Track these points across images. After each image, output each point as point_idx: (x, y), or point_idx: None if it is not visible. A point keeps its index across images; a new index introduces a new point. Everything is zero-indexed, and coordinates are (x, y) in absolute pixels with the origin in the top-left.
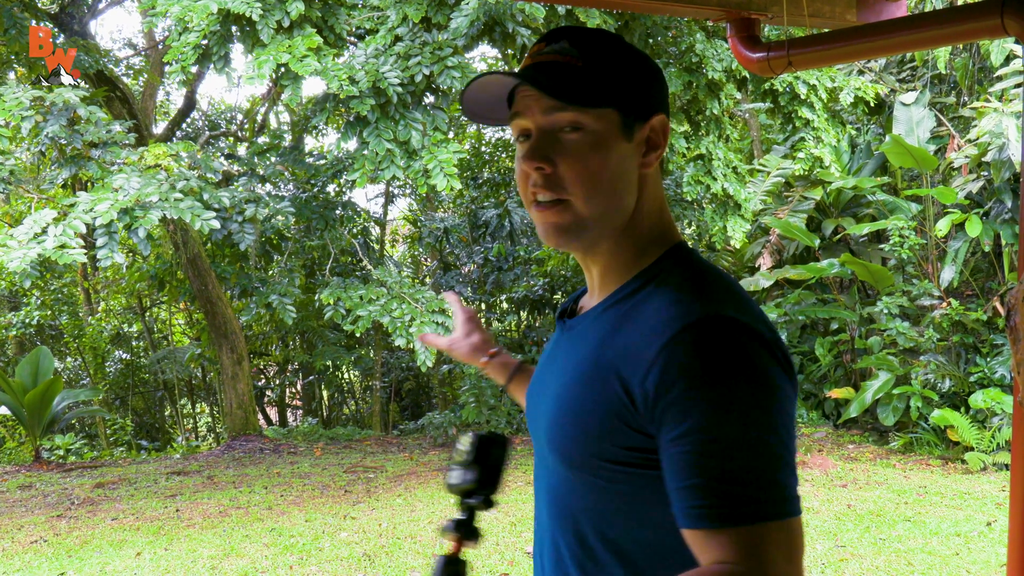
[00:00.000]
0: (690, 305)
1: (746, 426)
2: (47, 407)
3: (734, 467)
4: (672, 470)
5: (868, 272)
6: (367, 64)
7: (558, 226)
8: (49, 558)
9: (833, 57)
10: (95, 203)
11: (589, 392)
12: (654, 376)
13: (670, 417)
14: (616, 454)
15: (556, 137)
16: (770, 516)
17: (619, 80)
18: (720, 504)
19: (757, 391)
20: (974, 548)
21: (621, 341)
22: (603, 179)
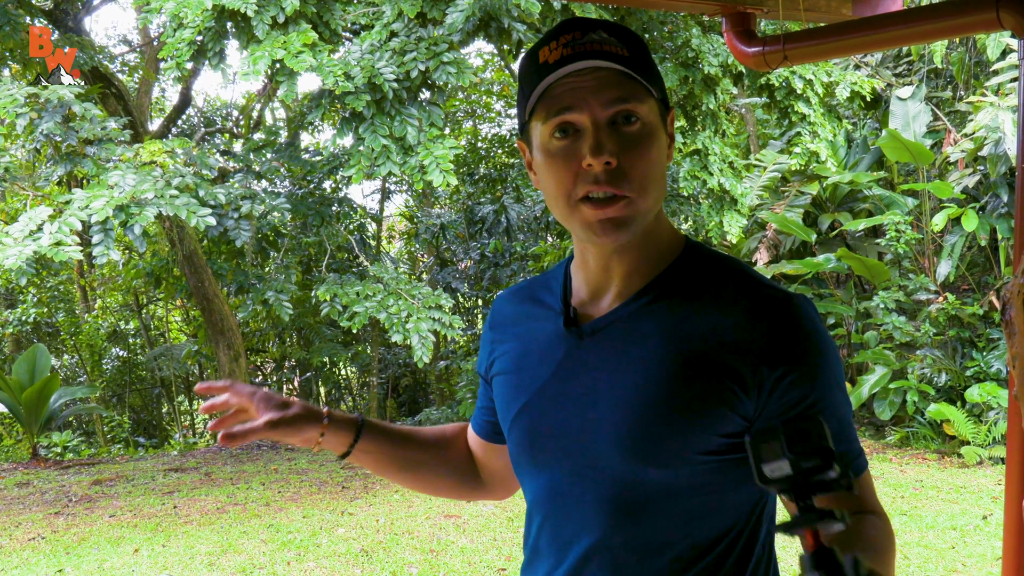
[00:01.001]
0: (768, 290)
1: (841, 393)
2: (44, 404)
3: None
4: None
5: (864, 267)
6: (362, 60)
7: (617, 221)
8: (47, 555)
9: (829, 51)
10: (90, 200)
11: (683, 386)
12: (768, 360)
13: (786, 395)
14: (713, 444)
15: (615, 130)
16: (865, 465)
17: (656, 71)
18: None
19: (838, 359)
20: (970, 542)
21: (708, 332)
22: (658, 172)
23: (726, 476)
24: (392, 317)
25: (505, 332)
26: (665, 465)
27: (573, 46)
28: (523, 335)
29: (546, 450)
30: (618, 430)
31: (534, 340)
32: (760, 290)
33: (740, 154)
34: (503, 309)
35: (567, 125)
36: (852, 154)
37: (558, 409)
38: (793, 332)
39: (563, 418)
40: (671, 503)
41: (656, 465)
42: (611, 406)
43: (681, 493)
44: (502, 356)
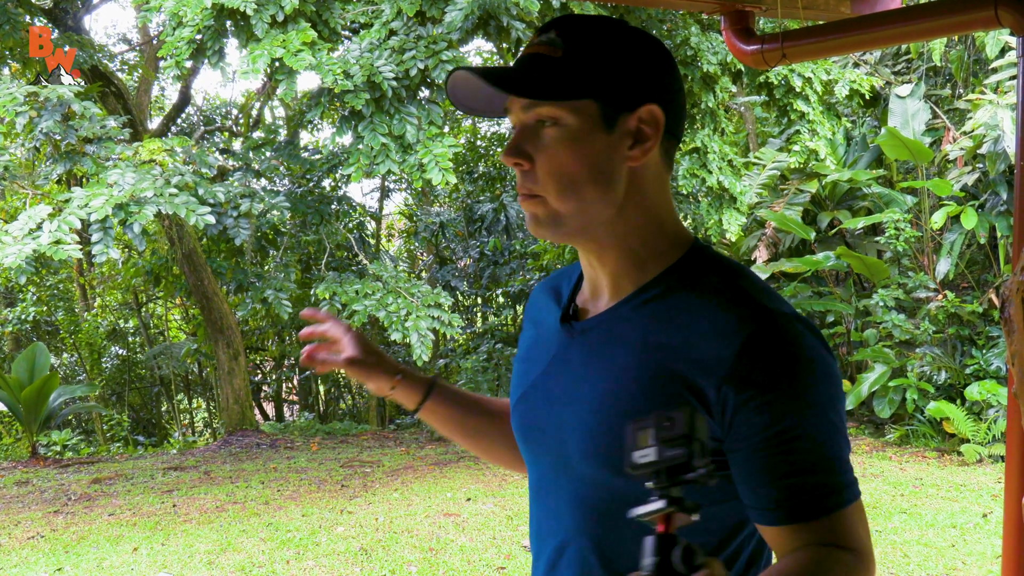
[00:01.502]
0: (750, 306)
1: (824, 422)
2: (43, 403)
3: (818, 464)
4: (754, 470)
5: (864, 265)
6: (362, 58)
7: (535, 217)
8: (46, 554)
9: (827, 49)
10: (90, 199)
11: (647, 398)
12: (733, 380)
13: (753, 419)
14: None
15: (535, 132)
16: (849, 500)
17: (601, 69)
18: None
19: (827, 384)
20: (970, 539)
21: (676, 344)
22: (576, 175)
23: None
24: (391, 315)
25: (528, 319)
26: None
27: (526, 48)
28: (539, 325)
29: (534, 443)
30: (584, 433)
31: (544, 331)
32: (744, 305)
33: (739, 152)
34: (534, 296)
35: (512, 123)
36: (851, 152)
37: (544, 404)
38: (767, 353)
39: (546, 414)
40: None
41: (617, 473)
42: (582, 409)
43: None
44: (525, 339)
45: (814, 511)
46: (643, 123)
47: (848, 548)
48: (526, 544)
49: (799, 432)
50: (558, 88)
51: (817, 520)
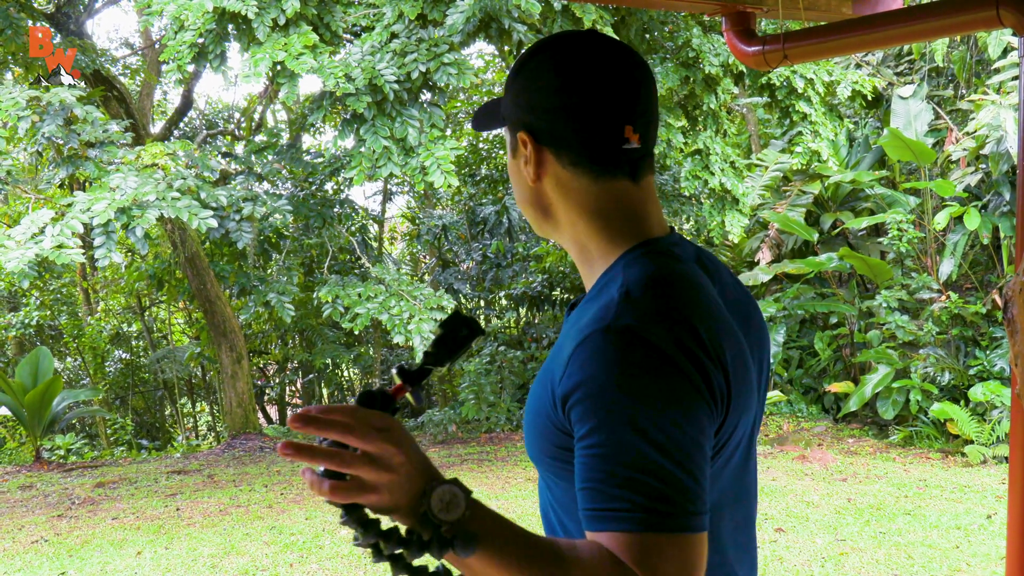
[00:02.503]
0: (607, 311)
1: (646, 439)
2: (47, 407)
3: (633, 477)
4: (575, 472)
5: (867, 266)
6: (363, 61)
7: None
8: (50, 558)
9: (828, 50)
10: (92, 203)
11: (536, 392)
12: (565, 379)
13: (575, 419)
14: (555, 452)
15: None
16: (661, 528)
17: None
18: (609, 509)
19: (665, 404)
20: (974, 541)
21: (559, 346)
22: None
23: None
24: (394, 319)
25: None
26: (539, 463)
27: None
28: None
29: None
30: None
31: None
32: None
33: (742, 154)
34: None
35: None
36: (854, 153)
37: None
38: (601, 351)
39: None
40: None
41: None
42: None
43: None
44: None
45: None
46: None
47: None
48: None
49: (601, 440)
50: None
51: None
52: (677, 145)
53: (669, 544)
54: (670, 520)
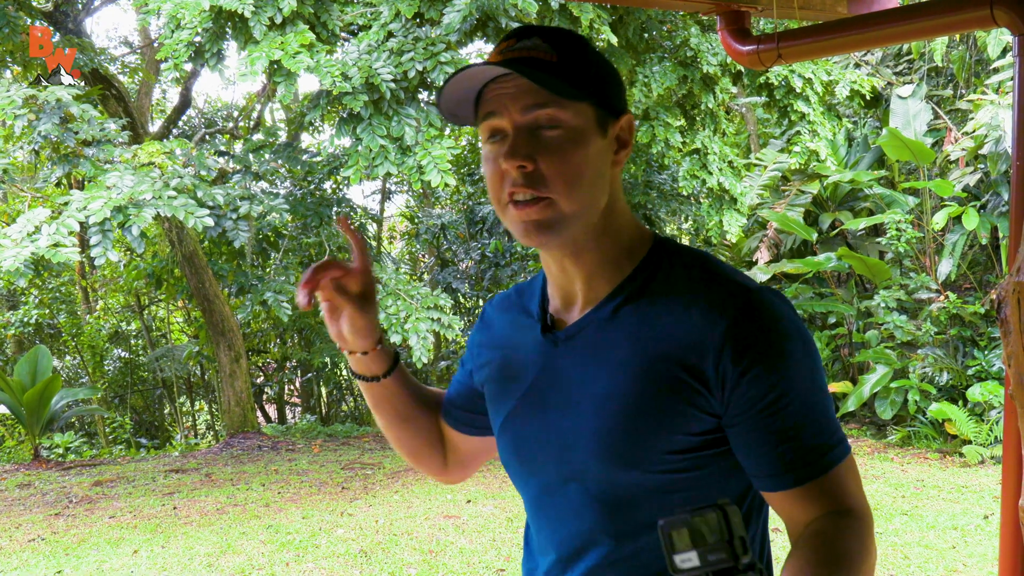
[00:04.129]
0: (727, 286)
1: (813, 384)
2: (46, 406)
3: (814, 424)
4: (757, 440)
5: (865, 266)
6: (360, 60)
7: (539, 223)
8: (47, 556)
9: (823, 49)
10: (88, 201)
11: (651, 389)
12: (728, 356)
13: (749, 391)
14: (684, 443)
15: (535, 134)
16: (844, 455)
17: (593, 76)
18: (809, 460)
19: (809, 350)
20: (971, 541)
21: (665, 332)
22: (584, 175)
23: (706, 471)
24: (391, 317)
25: (493, 338)
26: (640, 467)
27: (504, 52)
28: (509, 343)
29: (533, 457)
30: (591, 437)
31: (519, 348)
32: (721, 285)
33: (740, 153)
34: (494, 315)
35: (495, 130)
36: (852, 153)
37: (539, 417)
38: (753, 326)
39: (544, 426)
40: (655, 501)
41: (632, 468)
42: (584, 413)
43: (663, 491)
44: (489, 362)
45: (814, 471)
46: (622, 129)
47: (848, 509)
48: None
49: (792, 397)
50: (568, 88)
51: (818, 479)
52: (675, 144)
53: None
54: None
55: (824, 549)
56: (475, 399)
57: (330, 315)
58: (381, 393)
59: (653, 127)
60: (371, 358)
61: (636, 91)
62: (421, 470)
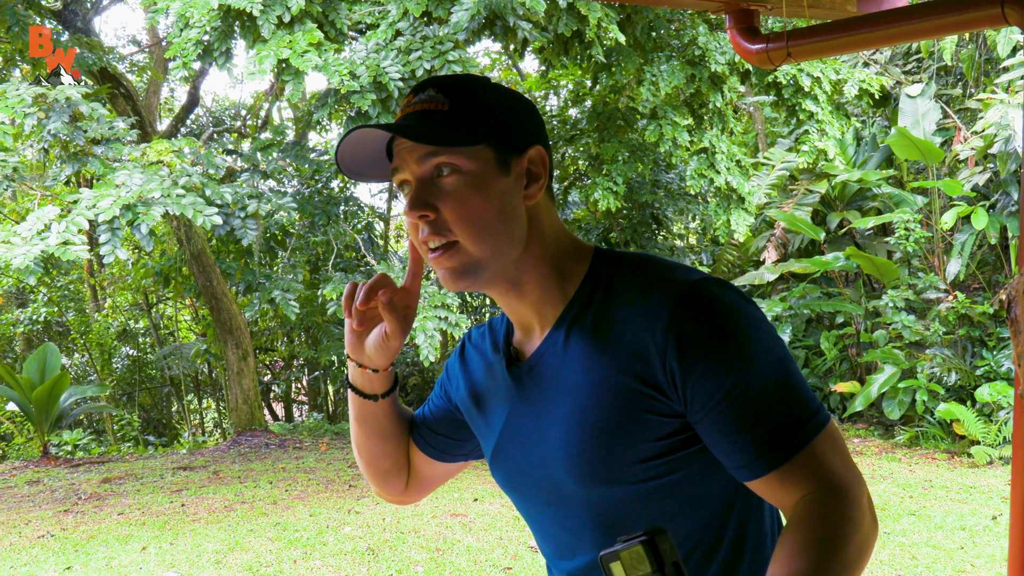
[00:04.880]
0: (663, 284)
1: (769, 363)
2: (54, 403)
3: (778, 403)
4: (722, 432)
5: (874, 265)
6: (368, 59)
7: (454, 270)
8: (56, 552)
9: (833, 48)
10: (97, 199)
11: (608, 406)
12: (673, 356)
13: (702, 386)
14: (653, 449)
15: (434, 183)
16: (819, 428)
17: (488, 117)
18: (779, 442)
19: (758, 328)
20: (979, 542)
21: (616, 346)
22: (486, 217)
23: (688, 471)
24: None
25: (468, 374)
26: (617, 482)
27: (404, 108)
28: (483, 378)
29: (523, 486)
30: (565, 462)
31: (491, 383)
32: (657, 285)
33: (748, 152)
34: (470, 350)
35: (402, 182)
36: (861, 152)
37: (519, 448)
38: (693, 320)
39: (524, 456)
40: (644, 510)
41: (609, 484)
42: (554, 439)
43: (649, 499)
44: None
45: (787, 452)
46: (532, 164)
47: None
48: (533, 545)
49: (748, 382)
50: (456, 135)
51: (792, 459)
52: (683, 144)
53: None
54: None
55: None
56: (450, 424)
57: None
58: (371, 410)
59: (661, 126)
60: (378, 377)
61: (644, 90)
62: (380, 490)
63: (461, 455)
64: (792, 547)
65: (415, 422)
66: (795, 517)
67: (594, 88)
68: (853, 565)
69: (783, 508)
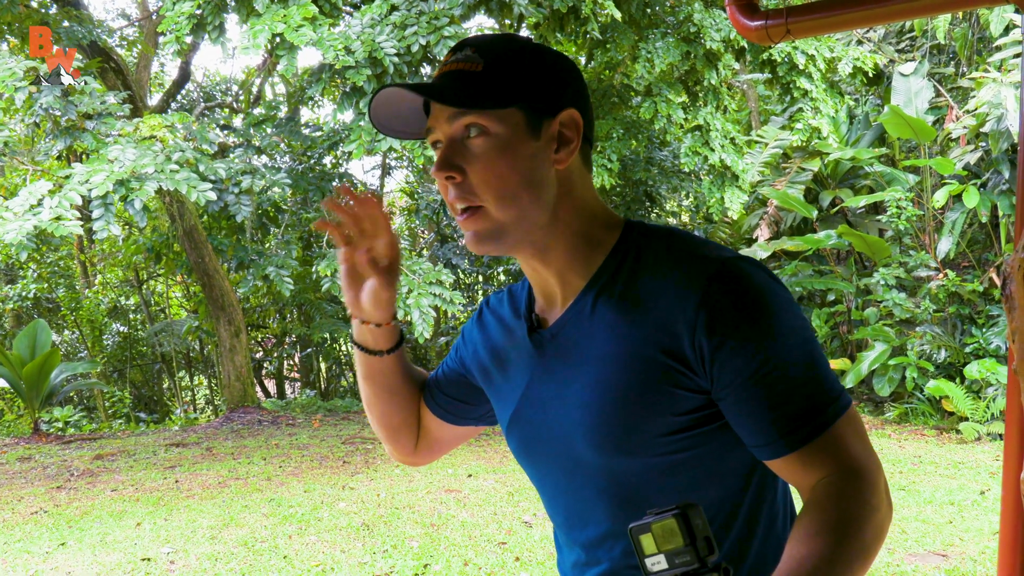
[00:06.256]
0: (696, 260)
1: (796, 344)
2: (45, 380)
3: (803, 385)
4: (747, 410)
5: (865, 243)
6: (363, 34)
7: (478, 234)
8: (49, 528)
9: (832, 25)
10: (91, 175)
11: (633, 377)
12: (702, 331)
13: (730, 363)
14: (676, 423)
15: (463, 144)
16: (841, 411)
17: (521, 79)
18: (803, 423)
19: (788, 309)
20: (968, 516)
21: (644, 318)
22: (512, 181)
23: (707, 447)
24: None
25: (487, 339)
26: (637, 453)
27: (441, 68)
28: (502, 345)
29: (539, 454)
30: (586, 430)
31: (511, 350)
32: (690, 261)
33: (742, 130)
34: (488, 316)
35: (434, 141)
36: (854, 130)
37: (538, 415)
38: (724, 297)
39: (543, 423)
40: (661, 483)
41: (629, 455)
42: (575, 407)
43: (667, 474)
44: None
45: (809, 433)
46: (564, 127)
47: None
48: (527, 519)
49: (776, 362)
50: (485, 97)
51: (814, 440)
52: (677, 121)
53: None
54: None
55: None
56: (462, 387)
57: (350, 281)
58: (378, 367)
59: (655, 103)
60: (382, 331)
61: (639, 67)
62: (391, 448)
63: (472, 419)
64: (811, 528)
65: (428, 384)
66: (814, 498)
67: (589, 64)
68: (869, 548)
69: (800, 488)
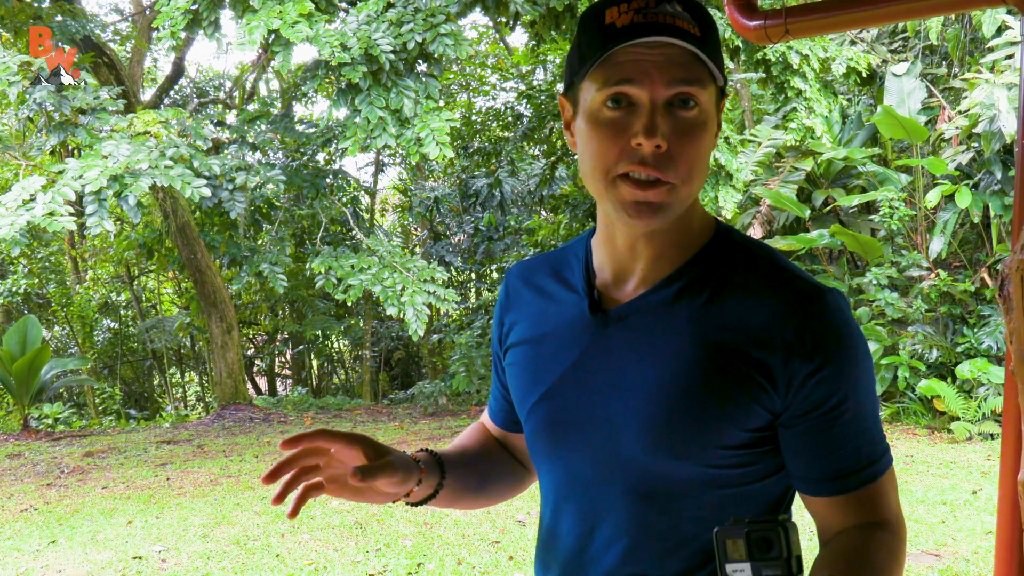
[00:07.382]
0: (800, 282)
1: (869, 391)
2: (35, 376)
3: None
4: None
5: (858, 243)
6: (359, 31)
7: (655, 205)
8: (39, 526)
9: (831, 25)
10: (84, 170)
11: (711, 381)
12: (800, 355)
13: (816, 391)
14: (737, 438)
15: (671, 113)
16: (888, 465)
17: (720, 55)
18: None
19: (869, 356)
20: (960, 516)
21: (735, 325)
22: (704, 161)
23: (752, 468)
24: (387, 290)
25: (522, 311)
26: (688, 458)
27: (645, 14)
28: (543, 316)
29: (568, 438)
30: (641, 422)
31: (556, 322)
32: (792, 282)
33: (735, 129)
34: (520, 285)
35: (623, 96)
36: (847, 130)
37: (581, 397)
38: (825, 328)
39: (586, 407)
40: (696, 495)
41: (679, 458)
42: (635, 397)
43: (706, 485)
44: (520, 338)
45: (859, 481)
46: (720, 111)
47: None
48: (521, 518)
49: (850, 404)
50: (710, 68)
51: (861, 489)
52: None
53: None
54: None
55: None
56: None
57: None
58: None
59: None
60: (421, 487)
61: None
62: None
63: None
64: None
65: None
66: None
67: None
68: None
69: (828, 527)
